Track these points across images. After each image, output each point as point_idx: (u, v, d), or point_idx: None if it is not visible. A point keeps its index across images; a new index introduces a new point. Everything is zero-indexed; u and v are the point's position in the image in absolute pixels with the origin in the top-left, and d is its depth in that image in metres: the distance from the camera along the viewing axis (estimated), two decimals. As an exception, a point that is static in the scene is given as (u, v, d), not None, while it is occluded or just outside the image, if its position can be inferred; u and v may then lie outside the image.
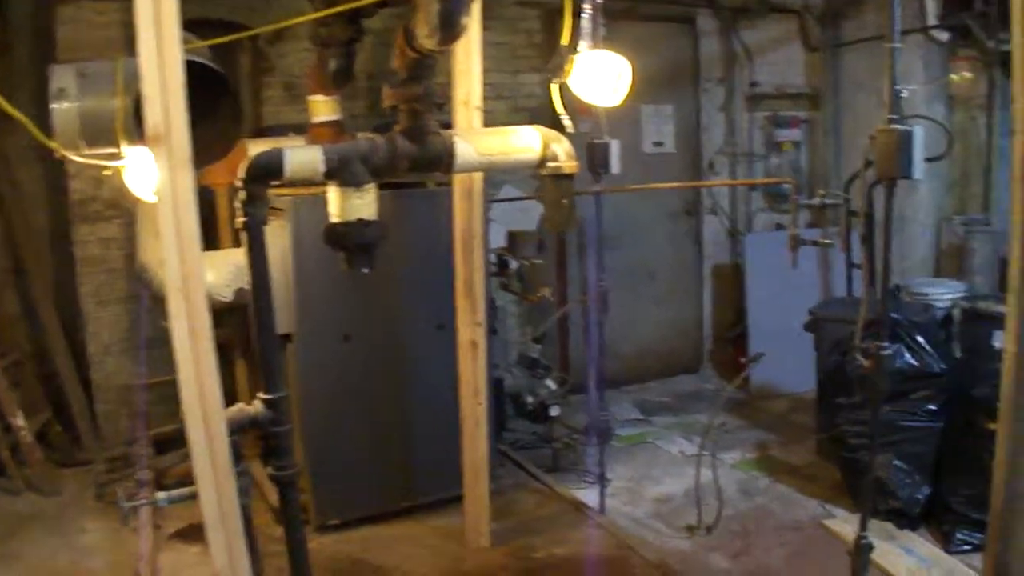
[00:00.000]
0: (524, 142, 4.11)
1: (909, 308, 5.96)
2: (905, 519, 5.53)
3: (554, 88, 4.52)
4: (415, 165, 3.75)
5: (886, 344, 3.78)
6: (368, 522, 5.64)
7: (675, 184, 8.24)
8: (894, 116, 3.43)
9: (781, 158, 8.74)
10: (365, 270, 3.67)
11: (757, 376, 7.86)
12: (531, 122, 4.37)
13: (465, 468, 5.25)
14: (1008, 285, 3.11)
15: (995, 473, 3.28)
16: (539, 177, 4.19)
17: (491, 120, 4.95)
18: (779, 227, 8.54)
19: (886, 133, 3.41)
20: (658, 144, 8.47)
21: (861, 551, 3.93)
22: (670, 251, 8.69)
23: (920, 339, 5.50)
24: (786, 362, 7.24)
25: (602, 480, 5.83)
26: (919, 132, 3.42)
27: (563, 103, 4.55)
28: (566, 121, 4.55)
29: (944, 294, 6.43)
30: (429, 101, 3.69)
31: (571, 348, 7.95)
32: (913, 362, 5.45)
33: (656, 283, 8.61)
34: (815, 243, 6.36)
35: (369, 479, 5.65)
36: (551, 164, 4.07)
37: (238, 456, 2.98)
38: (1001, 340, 5.61)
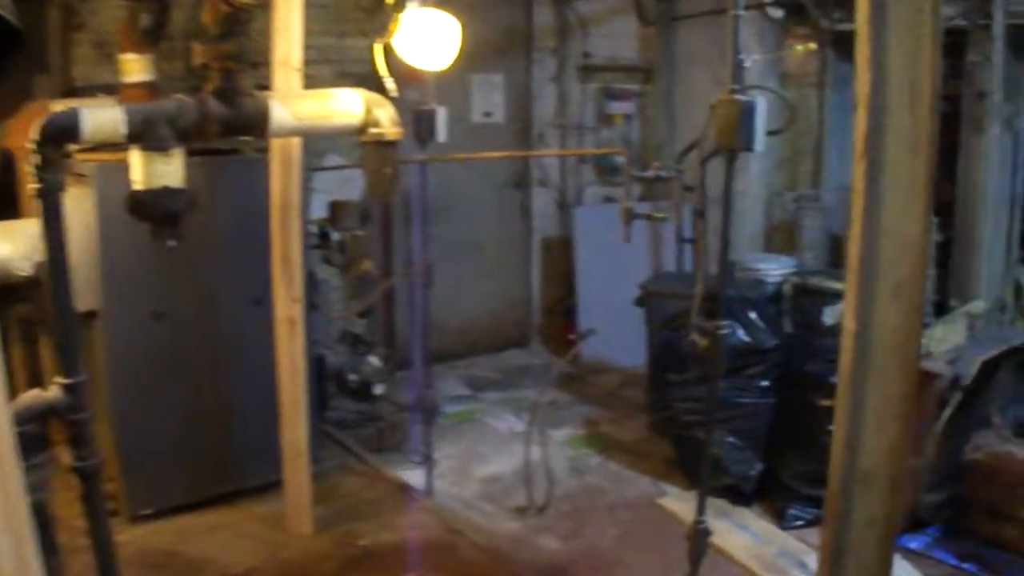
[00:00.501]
0: (345, 106, 3.86)
1: (741, 284, 5.89)
2: (739, 495, 5.50)
3: (377, 48, 4.24)
4: (227, 128, 3.47)
5: (725, 323, 3.65)
6: (185, 511, 5.30)
7: (503, 154, 8.03)
8: (736, 86, 3.28)
9: (612, 131, 8.62)
10: (171, 243, 3.37)
11: (587, 350, 7.75)
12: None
13: (284, 452, 4.98)
14: (848, 264, 2.98)
15: (833, 453, 3.17)
16: (361, 144, 3.94)
17: (316, 85, 4.65)
18: (609, 200, 8.43)
19: (728, 103, 3.27)
20: (487, 114, 8.26)
21: (698, 536, 3.79)
22: (498, 224, 8.50)
23: (752, 315, 5.45)
24: (617, 337, 7.15)
25: (428, 461, 5.62)
26: (762, 103, 3.29)
27: (389, 67, 4.29)
28: (389, 84, 4.28)
29: (775, 270, 6.39)
30: (243, 60, 3.41)
31: (397, 323, 7.68)
32: (746, 338, 5.39)
33: (484, 256, 8.42)
34: (648, 217, 6.24)
35: (184, 465, 5.32)
36: (373, 130, 3.84)
37: (37, 446, 2.69)
38: (831, 316, 5.65)
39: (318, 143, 6.75)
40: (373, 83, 4.43)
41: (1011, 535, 4.95)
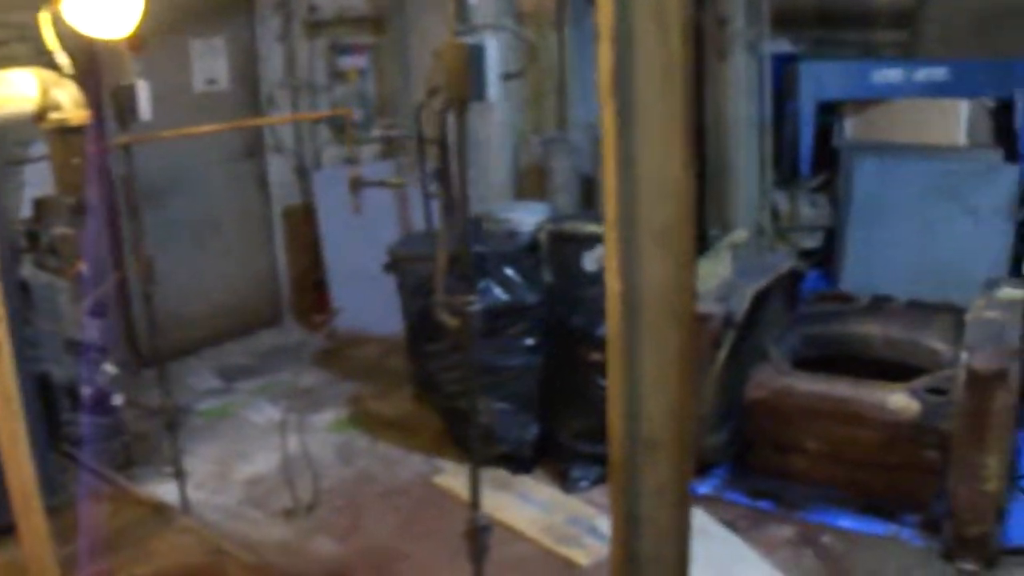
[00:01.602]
0: (16, 89, 3.29)
1: (493, 237, 5.55)
2: (518, 463, 5.21)
3: (45, 18, 3.62)
4: None
5: (473, 297, 3.28)
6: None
7: (223, 126, 7.24)
8: (462, 28, 2.88)
9: (347, 88, 8.13)
10: None
11: (344, 321, 7.32)
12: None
13: (12, 496, 4.33)
14: (605, 215, 2.64)
15: (611, 421, 2.86)
16: (43, 132, 3.37)
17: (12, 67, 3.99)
18: (349, 161, 7.95)
19: (453, 48, 2.87)
20: (211, 82, 7.59)
21: (478, 534, 3.44)
22: (234, 197, 7.88)
23: (508, 271, 5.13)
24: (372, 304, 6.73)
25: (180, 475, 5.08)
26: (492, 45, 2.90)
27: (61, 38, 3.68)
28: (61, 59, 3.67)
29: (528, 217, 6.08)
30: None
31: (136, 320, 7.02)
32: (503, 296, 5.07)
33: (222, 234, 7.78)
34: (382, 183, 5.80)
35: None
36: (54, 115, 3.31)
37: None
38: (591, 261, 5.38)
39: (23, 131, 6.01)
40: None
41: (801, 466, 4.87)
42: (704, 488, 4.99)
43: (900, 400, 4.43)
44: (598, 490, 4.96)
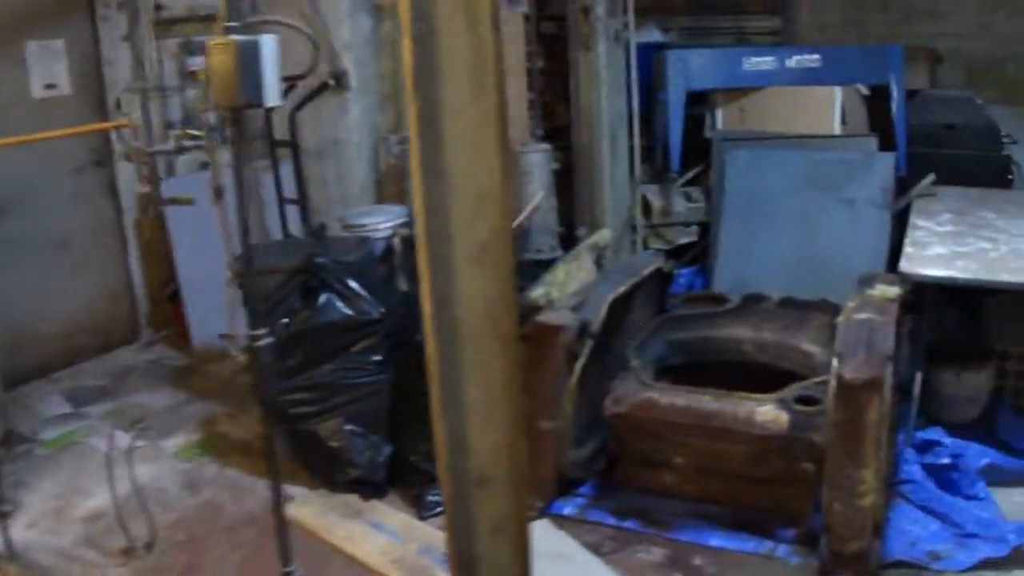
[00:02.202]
0: None
1: (341, 245, 5.19)
2: (371, 487, 4.86)
3: None
4: None
5: (263, 332, 2.93)
6: None
7: (60, 132, 6.78)
8: (233, 24, 2.51)
9: (198, 88, 7.67)
10: None
11: (201, 335, 6.90)
12: None
13: None
14: (417, 237, 2.35)
15: (438, 453, 2.55)
16: None
17: None
18: (205, 166, 7.51)
19: (221, 48, 2.50)
20: (51, 87, 7.10)
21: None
22: (82, 210, 7.37)
23: (352, 283, 4.76)
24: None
25: (3, 517, 4.65)
26: (269, 42, 2.54)
27: None
28: None
29: (383, 222, 5.76)
30: None
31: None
32: (347, 311, 4.73)
33: (71, 250, 7.27)
34: (172, 201, 5.36)
35: None
36: None
37: None
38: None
39: None
40: None
41: (669, 481, 4.60)
42: (567, 508, 4.69)
43: (769, 412, 4.14)
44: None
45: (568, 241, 6.05)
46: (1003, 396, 5.25)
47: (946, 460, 4.65)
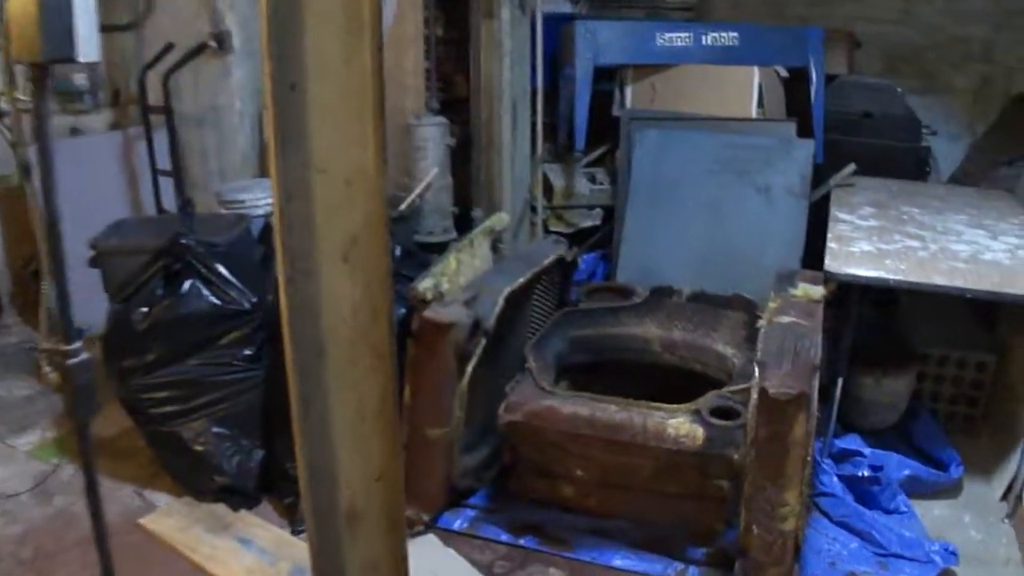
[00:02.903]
0: None
1: (212, 224, 4.69)
2: (241, 496, 4.37)
3: None
4: None
5: (76, 347, 2.45)
6: None
7: None
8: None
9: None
10: None
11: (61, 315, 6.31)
12: None
13: None
14: (275, 241, 1.93)
15: (301, 484, 2.16)
16: None
17: None
18: (76, 132, 6.92)
19: (21, -8, 2.00)
20: None
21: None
22: (-63, 180, 6.76)
23: (221, 268, 4.25)
24: (91, 297, 5.75)
25: None
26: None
27: None
28: None
29: (263, 198, 5.28)
30: None
31: None
32: (213, 299, 4.22)
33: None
34: None
35: None
36: None
37: None
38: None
39: None
40: None
41: (570, 494, 4.17)
42: (457, 522, 4.25)
43: (682, 426, 3.69)
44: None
45: (463, 223, 5.61)
46: (920, 402, 4.96)
47: (866, 472, 4.32)
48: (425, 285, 3.92)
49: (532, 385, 3.96)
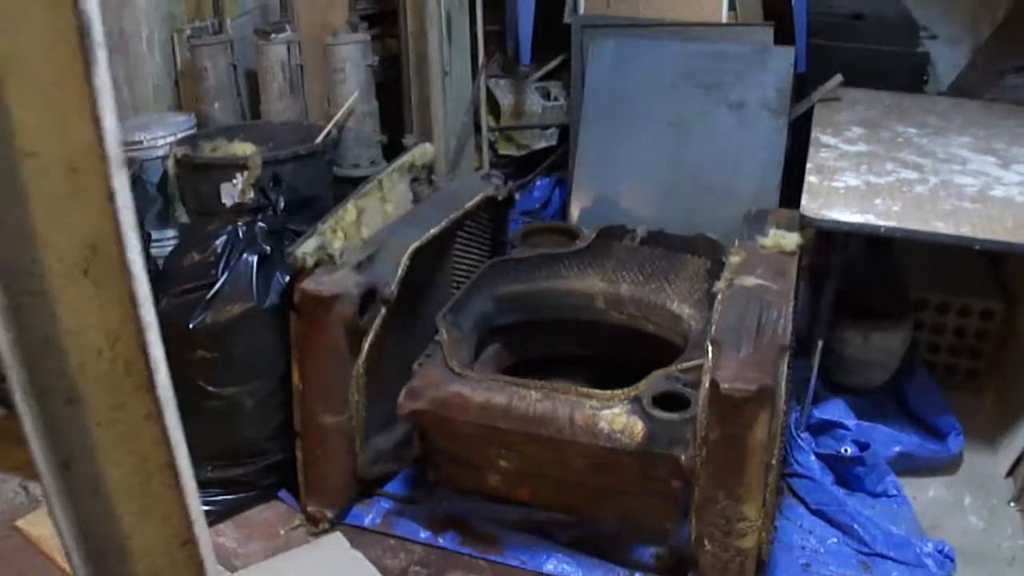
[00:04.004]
0: None
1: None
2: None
3: None
4: None
5: None
6: None
7: None
8: None
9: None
10: None
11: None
12: None
13: None
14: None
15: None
16: None
17: None
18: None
19: None
20: None
21: None
22: None
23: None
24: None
25: None
26: None
27: None
28: None
29: (162, 137, 4.61)
30: None
31: None
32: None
33: None
34: None
35: None
36: None
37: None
38: (230, 196, 3.97)
39: None
40: None
41: (496, 483, 3.49)
42: (368, 517, 3.62)
43: (617, 419, 2.96)
44: (228, 525, 3.60)
45: (394, 151, 4.90)
46: (916, 353, 4.27)
47: (849, 448, 3.65)
48: (306, 248, 3.22)
49: (441, 365, 3.27)
